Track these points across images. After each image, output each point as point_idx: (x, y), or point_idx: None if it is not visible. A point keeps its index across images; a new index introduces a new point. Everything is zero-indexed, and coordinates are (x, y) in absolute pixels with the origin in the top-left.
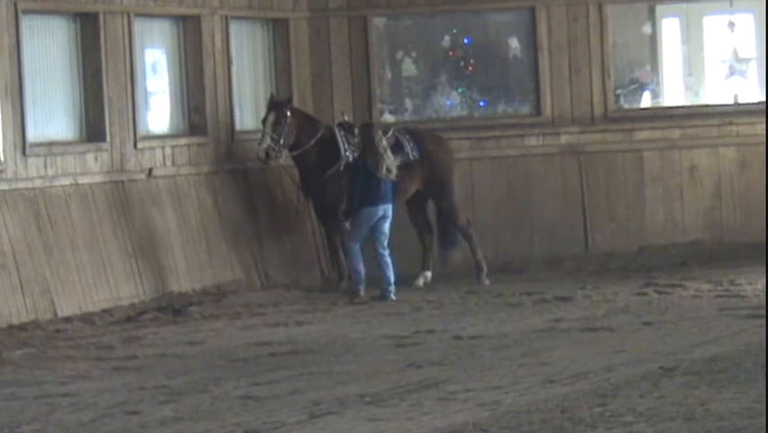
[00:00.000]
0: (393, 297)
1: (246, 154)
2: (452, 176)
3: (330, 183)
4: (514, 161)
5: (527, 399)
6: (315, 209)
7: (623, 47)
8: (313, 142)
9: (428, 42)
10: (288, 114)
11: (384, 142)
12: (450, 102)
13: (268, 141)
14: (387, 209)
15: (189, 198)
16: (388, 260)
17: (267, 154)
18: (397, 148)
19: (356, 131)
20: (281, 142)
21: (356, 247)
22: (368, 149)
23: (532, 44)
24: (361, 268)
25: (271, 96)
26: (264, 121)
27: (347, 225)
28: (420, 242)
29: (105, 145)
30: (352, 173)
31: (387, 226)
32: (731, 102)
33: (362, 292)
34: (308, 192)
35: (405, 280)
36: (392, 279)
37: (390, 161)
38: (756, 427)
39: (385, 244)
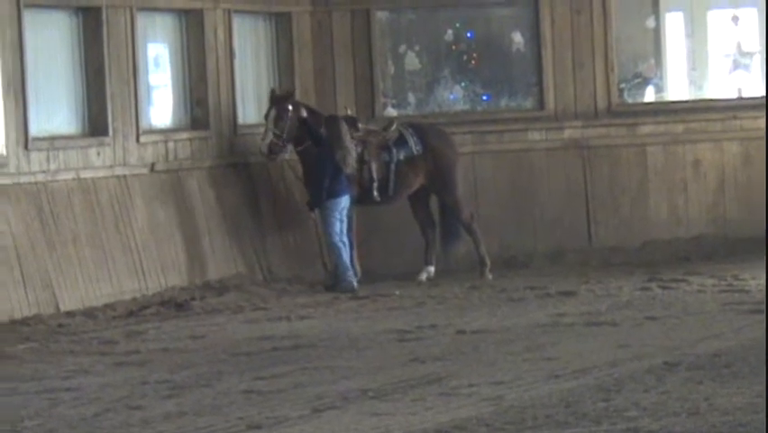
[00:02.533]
0: (356, 285)
1: (248, 148)
2: (456, 170)
3: None
4: (517, 155)
5: (531, 394)
6: None
7: (627, 41)
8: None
9: (431, 36)
10: (290, 108)
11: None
12: (453, 96)
13: (270, 136)
14: (348, 199)
15: (192, 192)
16: (348, 249)
17: (270, 150)
18: (400, 142)
19: (359, 125)
20: (284, 137)
21: (338, 241)
22: (335, 142)
23: (535, 38)
24: (351, 261)
25: (272, 90)
26: (266, 116)
27: (313, 216)
28: (423, 237)
29: (107, 140)
30: (318, 165)
31: (346, 214)
32: (735, 96)
33: (356, 285)
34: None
35: (407, 276)
36: (349, 263)
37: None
38: (760, 421)
39: (345, 229)
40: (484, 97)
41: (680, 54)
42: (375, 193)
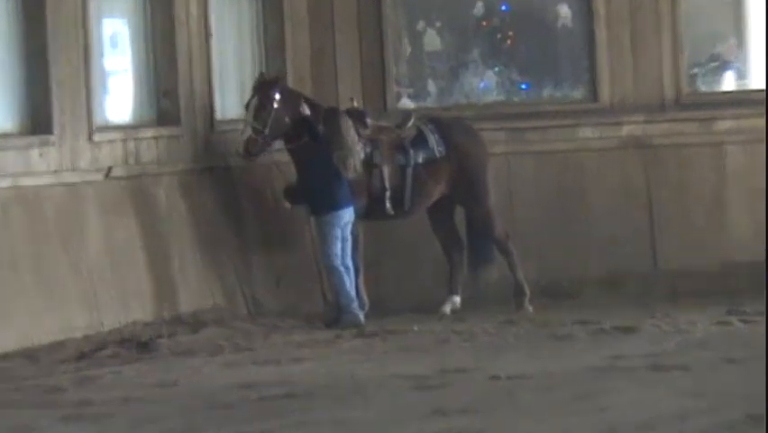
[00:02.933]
0: (362, 318)
1: (229, 149)
2: (487, 176)
3: None
4: (564, 156)
5: None
6: None
7: (700, 15)
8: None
9: (456, 9)
10: (277, 96)
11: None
12: (484, 84)
13: (249, 131)
14: (351, 212)
15: (158, 203)
16: (352, 275)
17: (247, 148)
18: (418, 142)
19: (368, 120)
20: (266, 132)
21: (340, 265)
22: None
23: (586, 11)
24: (353, 290)
25: (261, 75)
26: (247, 106)
27: (311, 230)
28: (446, 258)
29: (52, 138)
30: (315, 168)
31: (350, 231)
32: None
33: (362, 319)
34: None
35: (427, 307)
36: (354, 292)
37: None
38: None
39: (349, 252)
40: (522, 86)
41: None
42: (387, 204)
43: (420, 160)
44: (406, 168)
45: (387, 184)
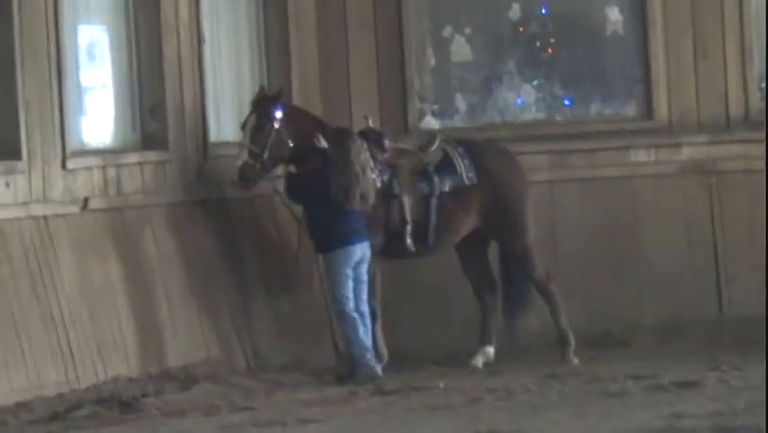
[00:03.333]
0: (379, 372)
1: (224, 176)
2: (525, 206)
3: None
4: (614, 184)
5: None
6: None
7: None
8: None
9: (489, 13)
10: (279, 115)
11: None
12: (521, 100)
13: (245, 155)
14: (365, 248)
15: (142, 240)
16: (368, 321)
17: (243, 175)
18: (445, 167)
19: (386, 142)
20: (265, 156)
21: (352, 310)
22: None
23: (639, 15)
24: (369, 339)
25: (261, 89)
26: (243, 126)
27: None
28: (478, 302)
29: (20, 165)
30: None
31: (365, 271)
32: None
33: (380, 373)
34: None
35: (455, 359)
36: (369, 341)
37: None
38: None
39: (364, 296)
40: (566, 102)
41: None
42: (408, 241)
43: (446, 188)
44: (430, 198)
45: (407, 216)
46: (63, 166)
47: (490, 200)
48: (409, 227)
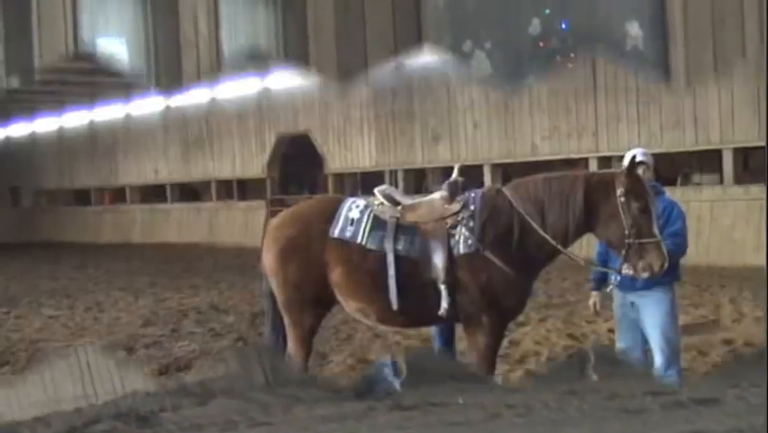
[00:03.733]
0: (398, 387)
1: None
2: None
3: None
4: None
5: None
6: None
7: None
8: None
9: (509, 27)
10: None
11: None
12: None
13: None
14: None
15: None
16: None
17: None
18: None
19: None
20: None
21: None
22: None
23: (660, 31)
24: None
25: None
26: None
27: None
28: None
29: None
30: None
31: None
32: None
33: (398, 387)
34: None
35: (474, 375)
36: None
37: None
38: None
39: None
40: None
41: None
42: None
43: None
44: None
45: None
46: None
47: None
48: None
